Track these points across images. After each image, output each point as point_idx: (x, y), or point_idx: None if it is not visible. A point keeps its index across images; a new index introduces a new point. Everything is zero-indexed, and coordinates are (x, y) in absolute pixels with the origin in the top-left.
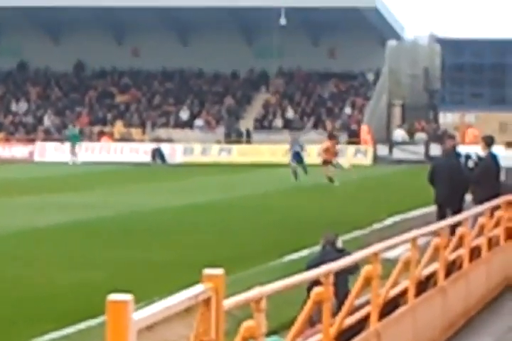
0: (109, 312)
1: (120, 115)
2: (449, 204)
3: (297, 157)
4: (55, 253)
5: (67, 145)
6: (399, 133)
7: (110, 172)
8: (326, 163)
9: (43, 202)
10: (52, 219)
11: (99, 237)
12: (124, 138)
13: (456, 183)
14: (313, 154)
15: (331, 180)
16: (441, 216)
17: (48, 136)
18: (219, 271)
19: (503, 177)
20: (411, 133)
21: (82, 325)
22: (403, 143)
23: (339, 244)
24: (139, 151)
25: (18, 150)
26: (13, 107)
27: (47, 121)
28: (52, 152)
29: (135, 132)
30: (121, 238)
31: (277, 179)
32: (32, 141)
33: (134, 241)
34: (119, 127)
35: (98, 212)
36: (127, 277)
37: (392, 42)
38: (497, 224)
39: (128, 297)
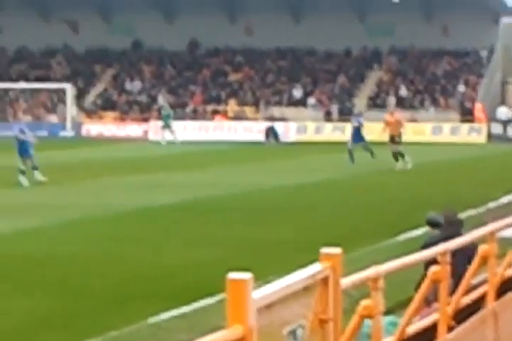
0: (229, 290)
1: (234, 93)
2: None
3: (357, 135)
4: (171, 231)
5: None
6: (502, 111)
7: (224, 151)
8: (392, 139)
9: (158, 181)
10: (166, 198)
11: (213, 216)
12: (238, 117)
13: None
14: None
15: (396, 157)
16: None
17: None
18: (336, 250)
19: None
20: None
21: (200, 303)
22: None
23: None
24: (252, 130)
25: (132, 129)
26: (128, 86)
27: (161, 99)
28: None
29: (248, 110)
30: (236, 217)
31: (388, 157)
32: (146, 119)
33: (248, 219)
34: (232, 106)
35: (211, 191)
36: (243, 255)
37: (506, 20)
38: None
39: (248, 275)
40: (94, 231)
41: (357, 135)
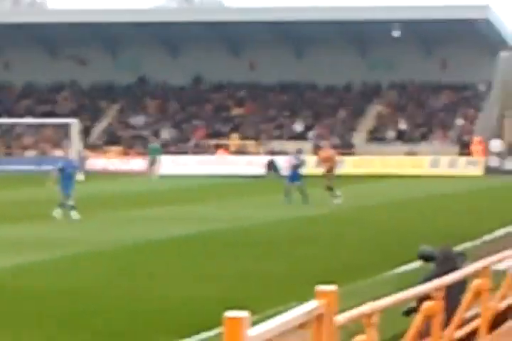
0: (226, 327)
1: (236, 128)
2: None
3: (295, 174)
4: (170, 265)
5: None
6: (495, 144)
7: (225, 184)
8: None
9: (159, 214)
10: (167, 231)
11: (214, 249)
12: (240, 151)
13: None
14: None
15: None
16: None
17: (165, 149)
18: (332, 288)
19: None
20: None
21: (200, 336)
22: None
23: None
24: (253, 163)
25: (136, 163)
26: (132, 121)
27: (164, 134)
28: (169, 165)
29: (250, 145)
30: (238, 250)
31: (386, 190)
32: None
33: (250, 253)
34: (234, 140)
35: (212, 225)
36: (241, 289)
37: (504, 54)
38: None
39: (244, 314)
40: (97, 265)
41: (295, 174)
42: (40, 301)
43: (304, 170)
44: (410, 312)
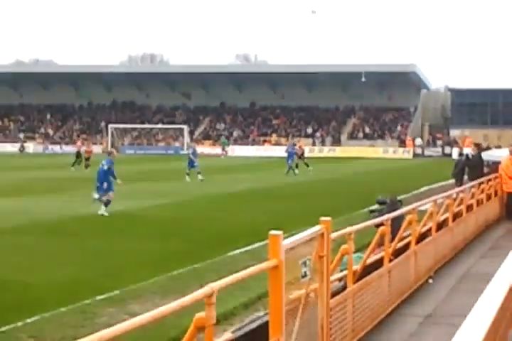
0: (270, 240)
1: (275, 131)
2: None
3: (190, 162)
4: (245, 205)
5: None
6: (418, 140)
7: (269, 162)
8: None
9: (234, 177)
10: (243, 186)
11: (266, 198)
12: (277, 143)
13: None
14: None
15: (297, 166)
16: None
17: (236, 142)
18: (328, 218)
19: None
20: (434, 140)
21: (251, 247)
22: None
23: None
24: (283, 150)
25: (217, 150)
26: (217, 126)
27: (235, 134)
28: (237, 151)
29: (283, 140)
30: (277, 197)
31: (357, 166)
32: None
33: (278, 201)
34: (274, 137)
35: (262, 184)
36: (281, 219)
37: (423, 91)
38: (482, 192)
39: (279, 232)
40: (203, 205)
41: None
42: (160, 224)
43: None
44: (372, 211)
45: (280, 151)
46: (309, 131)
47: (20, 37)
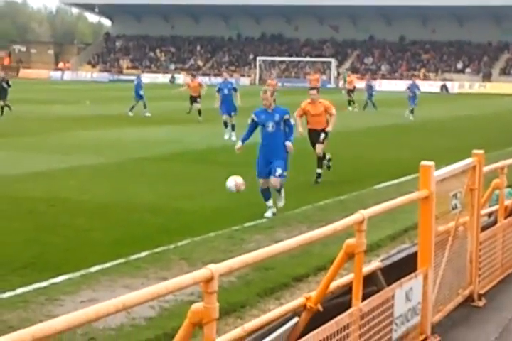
0: (421, 171)
1: (423, 65)
2: None
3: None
4: (389, 141)
5: None
6: None
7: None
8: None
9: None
10: (384, 123)
11: (411, 131)
12: (425, 78)
13: None
14: None
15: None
16: None
17: (383, 77)
18: (481, 151)
19: None
20: None
21: (399, 180)
22: None
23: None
24: (433, 86)
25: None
26: (365, 61)
27: (383, 69)
28: (386, 85)
29: (432, 75)
30: (415, 132)
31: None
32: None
33: (430, 134)
34: (422, 72)
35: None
36: (427, 155)
37: None
38: None
39: (432, 163)
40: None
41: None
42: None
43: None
44: None
45: (429, 86)
46: (459, 66)
47: None
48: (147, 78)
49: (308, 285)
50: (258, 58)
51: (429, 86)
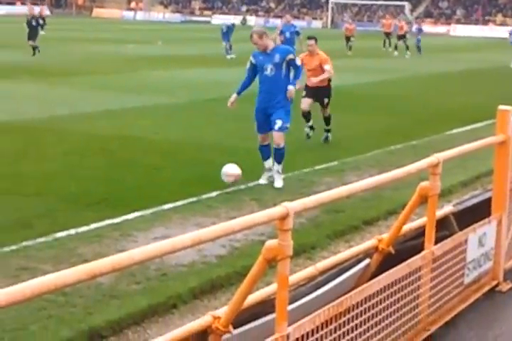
0: (499, 116)
1: (500, 10)
2: None
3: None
4: (465, 87)
5: None
6: None
7: (490, 42)
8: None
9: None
10: (459, 67)
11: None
12: (502, 24)
13: None
14: None
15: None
16: None
17: (459, 21)
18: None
19: None
20: None
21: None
22: None
23: None
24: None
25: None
26: (440, 4)
27: (458, 13)
28: (461, 30)
29: (508, 20)
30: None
31: None
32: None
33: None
34: (499, 17)
35: (482, 64)
36: (504, 102)
37: None
38: None
39: (509, 107)
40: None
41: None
42: (370, 101)
43: None
44: None
45: (505, 32)
46: None
47: None
48: (219, 20)
49: (378, 228)
50: (330, 1)
51: (506, 32)
